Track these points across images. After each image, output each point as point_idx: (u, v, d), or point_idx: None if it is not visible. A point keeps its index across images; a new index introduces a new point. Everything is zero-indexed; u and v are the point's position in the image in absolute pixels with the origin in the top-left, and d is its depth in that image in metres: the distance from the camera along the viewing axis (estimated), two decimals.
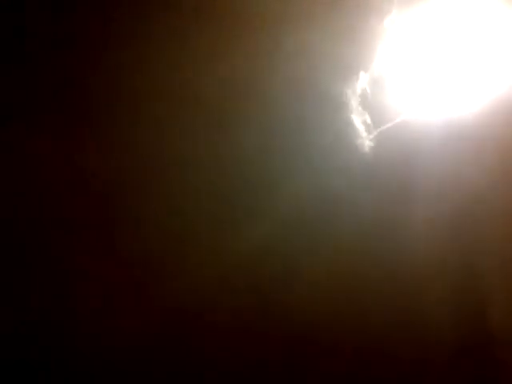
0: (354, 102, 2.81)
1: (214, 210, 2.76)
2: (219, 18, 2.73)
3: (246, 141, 2.76)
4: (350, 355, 2.78)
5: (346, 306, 2.78)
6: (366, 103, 2.83)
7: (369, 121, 2.84)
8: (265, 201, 2.77)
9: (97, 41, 2.66)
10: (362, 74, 2.80)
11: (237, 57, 2.73)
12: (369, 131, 2.83)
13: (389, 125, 2.84)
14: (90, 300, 2.59)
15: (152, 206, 2.69)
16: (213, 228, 2.75)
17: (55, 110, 2.66)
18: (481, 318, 2.77)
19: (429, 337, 2.77)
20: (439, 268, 2.80)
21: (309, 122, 2.78)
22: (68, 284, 2.60)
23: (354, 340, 2.77)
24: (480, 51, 2.81)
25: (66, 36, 2.66)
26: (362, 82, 2.81)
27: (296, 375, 2.76)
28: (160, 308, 2.64)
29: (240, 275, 2.73)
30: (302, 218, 2.80)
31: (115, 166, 2.68)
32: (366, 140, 2.83)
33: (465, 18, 2.79)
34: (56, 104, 2.66)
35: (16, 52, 2.62)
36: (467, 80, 2.84)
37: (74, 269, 2.60)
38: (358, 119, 2.83)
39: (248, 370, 2.72)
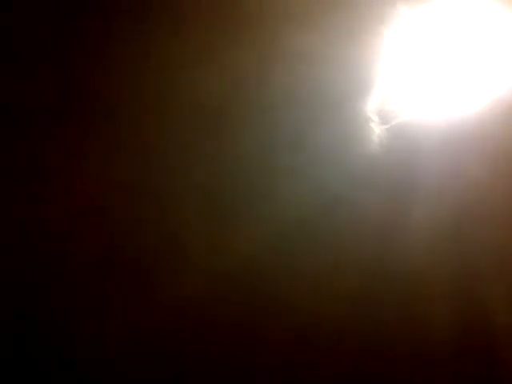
0: (355, 102, 2.79)
1: (215, 209, 2.77)
2: (221, 19, 2.74)
3: (247, 141, 2.76)
4: (351, 355, 2.78)
5: (348, 305, 2.77)
6: (367, 103, 2.82)
7: (370, 120, 2.83)
8: (267, 200, 2.77)
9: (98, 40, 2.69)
10: (363, 74, 2.78)
11: (239, 57, 2.73)
12: (370, 131, 2.82)
13: (390, 124, 2.83)
14: (87, 300, 2.62)
15: (151, 205, 2.71)
16: (214, 227, 2.76)
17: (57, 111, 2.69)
18: (481, 317, 2.75)
19: (430, 337, 2.76)
20: (440, 268, 2.78)
21: (310, 122, 2.78)
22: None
23: (354, 340, 2.77)
24: (482, 52, 2.79)
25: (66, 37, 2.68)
26: (363, 82, 2.80)
27: (296, 375, 2.77)
28: (159, 307, 2.66)
29: (240, 274, 2.74)
30: (303, 218, 2.79)
31: (115, 166, 2.70)
32: (367, 139, 2.82)
33: (468, 20, 2.77)
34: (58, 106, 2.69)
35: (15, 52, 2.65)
36: (469, 80, 2.82)
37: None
38: (360, 119, 2.81)
39: (248, 370, 2.74)
